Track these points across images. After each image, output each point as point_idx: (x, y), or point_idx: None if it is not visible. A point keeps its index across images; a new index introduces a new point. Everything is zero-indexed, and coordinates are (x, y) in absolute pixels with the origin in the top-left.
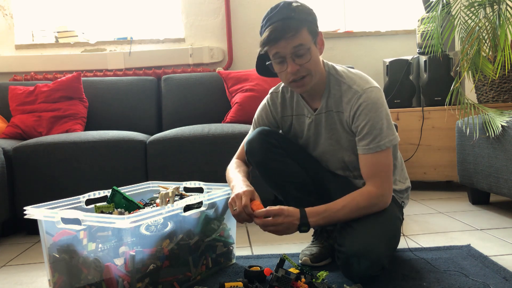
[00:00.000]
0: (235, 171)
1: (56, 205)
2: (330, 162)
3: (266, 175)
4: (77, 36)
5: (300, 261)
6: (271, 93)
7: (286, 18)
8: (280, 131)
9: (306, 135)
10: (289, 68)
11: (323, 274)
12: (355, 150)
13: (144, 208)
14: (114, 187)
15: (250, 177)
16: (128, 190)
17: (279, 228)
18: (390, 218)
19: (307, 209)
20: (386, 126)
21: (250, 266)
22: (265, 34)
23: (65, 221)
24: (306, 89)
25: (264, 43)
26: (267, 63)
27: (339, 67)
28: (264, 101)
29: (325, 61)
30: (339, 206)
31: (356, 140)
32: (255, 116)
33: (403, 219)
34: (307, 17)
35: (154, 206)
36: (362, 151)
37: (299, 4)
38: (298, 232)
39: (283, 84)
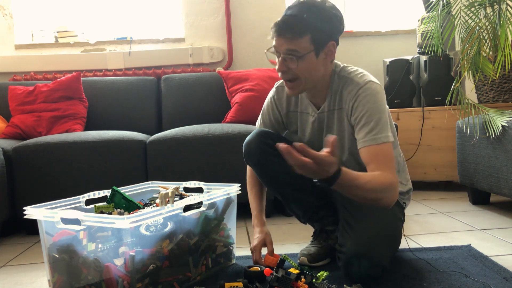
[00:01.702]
0: (251, 193)
1: (56, 205)
2: None
3: (263, 176)
4: (76, 36)
5: (298, 261)
6: (277, 86)
7: (295, 16)
8: (286, 131)
9: (310, 134)
10: (278, 65)
11: (323, 274)
12: (353, 150)
13: (144, 208)
14: (114, 187)
15: (265, 192)
16: (128, 190)
17: (307, 171)
18: (391, 219)
19: (344, 170)
20: (384, 121)
21: (250, 266)
22: (275, 22)
23: (65, 221)
24: (295, 92)
25: (271, 29)
26: (268, 49)
27: (346, 65)
28: (270, 94)
29: (335, 61)
30: (365, 180)
31: (356, 134)
32: (262, 110)
33: (404, 220)
34: (321, 25)
35: (154, 206)
36: (361, 144)
37: (323, 6)
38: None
39: None
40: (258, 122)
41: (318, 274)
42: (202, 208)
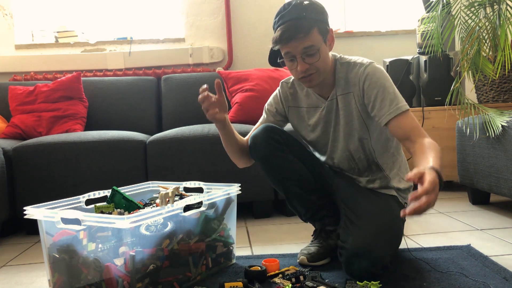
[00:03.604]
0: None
1: (56, 205)
2: (336, 152)
3: (268, 171)
4: (77, 36)
5: (298, 261)
6: (282, 83)
7: (297, 18)
8: (288, 130)
9: (318, 126)
10: (299, 67)
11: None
12: (362, 135)
13: (144, 208)
14: (114, 187)
15: (239, 137)
16: (128, 190)
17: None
18: (393, 217)
19: (433, 166)
20: (398, 93)
21: (250, 266)
22: (277, 33)
23: (65, 221)
24: (314, 84)
25: (276, 42)
26: (279, 60)
27: (342, 55)
28: (276, 91)
29: (333, 53)
30: (431, 153)
31: (376, 111)
32: (267, 103)
33: (405, 219)
34: (318, 16)
35: (154, 206)
36: (387, 117)
37: (310, 2)
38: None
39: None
40: (263, 111)
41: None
42: (202, 208)
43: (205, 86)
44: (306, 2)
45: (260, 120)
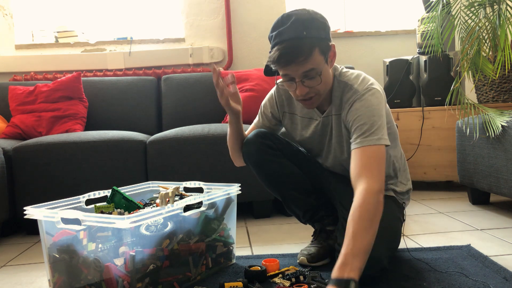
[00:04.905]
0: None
1: (56, 205)
2: (330, 162)
3: (263, 176)
4: (77, 36)
5: (298, 261)
6: (278, 86)
7: (297, 38)
8: (281, 128)
9: (312, 138)
10: (298, 90)
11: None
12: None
13: (144, 208)
14: (114, 187)
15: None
16: (128, 190)
17: None
18: (390, 219)
19: (333, 274)
20: (378, 125)
21: (250, 266)
22: (275, 53)
23: (65, 221)
24: (313, 106)
25: (273, 63)
26: (277, 80)
27: (345, 69)
28: (271, 91)
29: (334, 65)
30: (351, 239)
31: (350, 139)
32: (262, 104)
33: (404, 219)
34: (320, 34)
35: (154, 206)
36: (352, 146)
37: (312, 17)
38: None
39: None
40: (258, 113)
41: None
42: (202, 208)
43: (217, 68)
44: (306, 17)
45: (254, 122)
